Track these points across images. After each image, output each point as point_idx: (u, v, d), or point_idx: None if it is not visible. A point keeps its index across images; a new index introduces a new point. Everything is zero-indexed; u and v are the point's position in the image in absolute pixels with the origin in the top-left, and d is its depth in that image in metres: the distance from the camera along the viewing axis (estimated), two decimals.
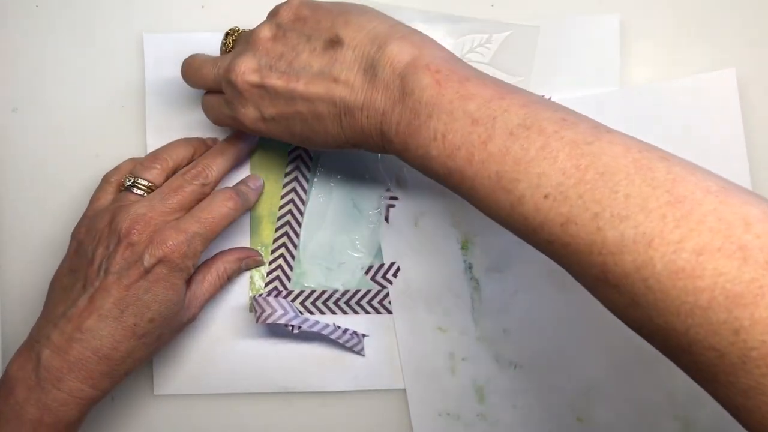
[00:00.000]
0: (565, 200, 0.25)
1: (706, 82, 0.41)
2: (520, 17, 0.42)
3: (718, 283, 0.22)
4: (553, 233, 0.26)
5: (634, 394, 0.41)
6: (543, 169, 0.26)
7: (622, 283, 0.24)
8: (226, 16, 0.43)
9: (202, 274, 0.39)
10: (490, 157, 0.27)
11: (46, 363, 0.34)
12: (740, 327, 0.22)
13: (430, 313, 0.42)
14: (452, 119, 0.28)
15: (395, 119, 0.30)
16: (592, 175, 0.25)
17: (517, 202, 0.26)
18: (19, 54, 0.43)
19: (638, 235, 0.23)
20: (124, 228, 0.35)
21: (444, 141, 0.28)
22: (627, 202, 0.24)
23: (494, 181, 0.27)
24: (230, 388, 0.42)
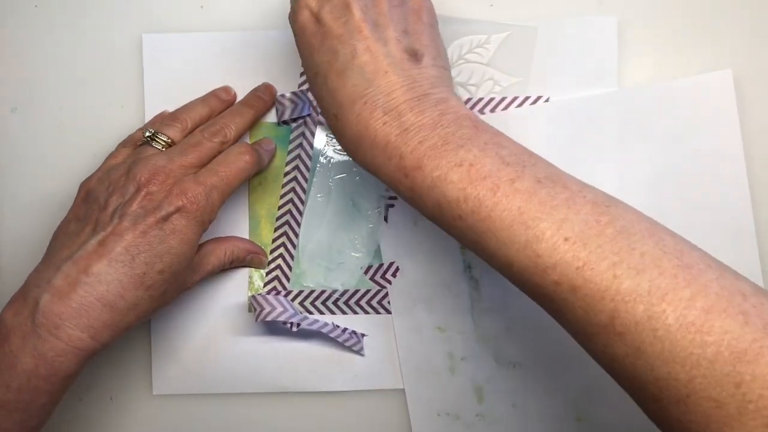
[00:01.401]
0: (585, 246, 0.26)
1: (704, 83, 0.41)
2: (519, 18, 0.42)
3: (725, 340, 0.24)
4: (565, 275, 0.26)
5: None
6: (566, 216, 0.27)
7: (629, 330, 0.25)
8: (225, 16, 0.43)
9: (212, 245, 0.40)
10: (515, 193, 0.28)
11: (44, 308, 0.32)
12: (741, 381, 0.23)
13: (429, 313, 0.42)
14: (483, 155, 0.29)
15: (418, 138, 0.30)
16: (612, 231, 0.26)
17: (534, 239, 0.27)
18: (19, 54, 0.43)
19: (653, 287, 0.25)
20: (143, 178, 0.35)
21: (470, 169, 0.29)
22: (643, 258, 0.26)
23: (515, 215, 0.27)
24: (230, 388, 0.42)
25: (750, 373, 0.23)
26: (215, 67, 0.42)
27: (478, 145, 0.29)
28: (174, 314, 0.42)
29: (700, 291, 0.25)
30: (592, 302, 0.26)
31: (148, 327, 0.42)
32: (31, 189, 0.43)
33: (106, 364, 0.42)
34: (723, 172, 0.41)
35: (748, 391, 0.23)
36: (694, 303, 0.25)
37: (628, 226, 0.27)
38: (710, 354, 0.24)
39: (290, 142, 0.42)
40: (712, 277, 0.25)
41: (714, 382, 0.24)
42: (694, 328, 0.24)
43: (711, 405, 0.24)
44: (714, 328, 0.24)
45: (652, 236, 0.27)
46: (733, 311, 0.24)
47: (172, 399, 0.42)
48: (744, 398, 0.23)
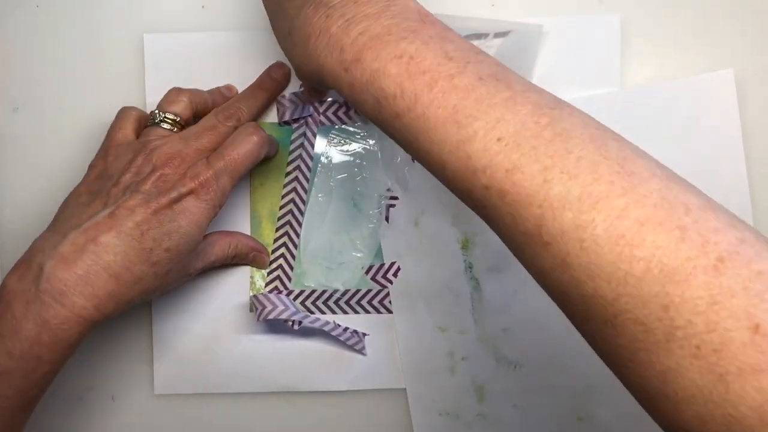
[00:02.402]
0: (518, 147, 0.24)
1: (705, 83, 0.41)
2: (520, 17, 0.42)
3: (656, 256, 0.22)
4: (494, 178, 0.25)
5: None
6: (503, 115, 0.25)
7: (556, 240, 0.23)
8: (226, 16, 0.43)
9: (218, 236, 0.40)
10: (453, 89, 0.26)
11: (49, 274, 0.32)
12: (670, 303, 0.21)
13: (430, 313, 0.42)
14: (426, 48, 0.27)
15: (359, 29, 0.29)
16: (549, 133, 0.24)
17: (466, 139, 0.25)
18: (19, 54, 0.43)
19: (584, 194, 0.23)
20: (159, 160, 0.35)
21: (410, 62, 0.27)
22: (578, 163, 0.24)
23: (449, 112, 0.26)
24: (230, 387, 0.42)
25: (679, 294, 0.21)
26: (216, 67, 0.42)
27: (422, 37, 0.28)
28: (175, 314, 0.42)
29: (637, 200, 0.22)
30: (519, 208, 0.24)
31: (150, 327, 0.42)
32: (32, 188, 0.43)
33: (108, 363, 0.43)
34: (724, 172, 0.41)
35: (676, 315, 0.21)
36: (627, 213, 0.22)
37: (569, 129, 0.24)
38: (638, 271, 0.22)
39: (291, 142, 0.42)
40: (654, 187, 0.23)
41: (641, 303, 0.22)
42: (624, 240, 0.22)
43: (638, 329, 0.22)
44: (645, 242, 0.22)
45: (595, 141, 0.24)
46: (670, 225, 0.22)
47: (173, 399, 0.42)
48: (672, 323, 0.21)
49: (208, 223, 0.36)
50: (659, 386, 0.22)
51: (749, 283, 0.21)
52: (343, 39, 0.29)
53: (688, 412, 0.22)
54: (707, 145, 0.41)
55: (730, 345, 0.20)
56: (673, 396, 0.22)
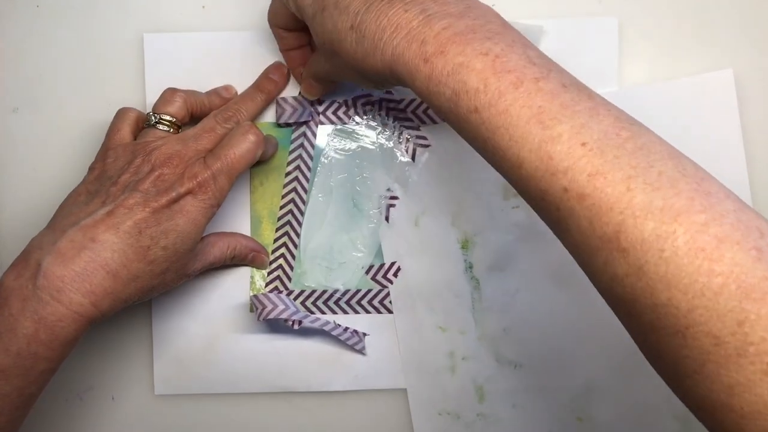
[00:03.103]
0: (602, 154, 0.25)
1: (704, 83, 0.41)
2: (520, 18, 0.42)
3: (734, 272, 0.22)
4: (575, 181, 0.25)
5: (634, 394, 0.41)
6: (587, 122, 0.26)
7: (634, 247, 0.24)
8: (226, 16, 0.43)
9: (216, 237, 0.40)
10: (538, 91, 0.27)
11: (46, 270, 0.32)
12: (746, 319, 0.22)
13: (430, 313, 0.42)
14: (511, 50, 0.28)
15: (443, 24, 0.29)
16: (631, 146, 0.25)
17: (549, 140, 0.26)
18: (19, 54, 0.43)
19: (666, 206, 0.24)
20: (158, 162, 0.36)
21: (495, 60, 0.27)
22: (660, 177, 0.24)
23: (534, 112, 0.26)
24: (231, 388, 0.42)
25: (756, 312, 0.22)
26: (216, 67, 0.42)
27: (505, 40, 0.28)
28: (175, 314, 0.42)
29: (715, 218, 0.23)
30: (599, 213, 0.25)
31: (150, 327, 0.42)
32: (32, 188, 0.43)
33: (108, 363, 0.43)
34: (724, 172, 0.40)
35: (750, 331, 0.22)
36: (707, 229, 0.23)
37: (648, 145, 0.25)
38: (716, 285, 0.22)
39: (291, 142, 0.42)
40: (730, 208, 0.24)
41: (716, 317, 0.22)
42: (704, 254, 0.23)
43: (710, 341, 0.22)
44: (724, 258, 0.22)
45: (673, 159, 0.25)
46: (747, 245, 0.23)
47: (173, 399, 0.42)
48: (745, 339, 0.22)
49: (206, 223, 0.36)
50: (725, 400, 0.23)
51: None
52: (425, 32, 0.29)
53: (753, 427, 0.22)
54: (707, 146, 0.41)
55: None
56: (738, 410, 0.22)
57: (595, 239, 0.25)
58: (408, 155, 0.42)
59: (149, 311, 0.42)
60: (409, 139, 0.42)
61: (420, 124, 0.42)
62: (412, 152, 0.42)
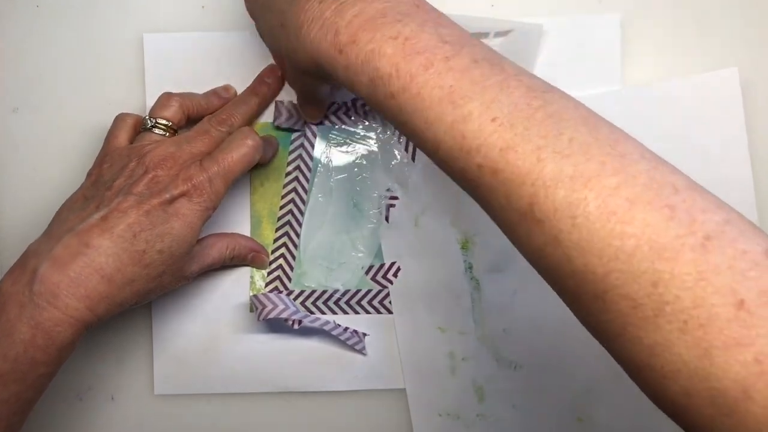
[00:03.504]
0: (512, 127, 0.25)
1: (709, 82, 0.41)
2: (521, 17, 0.42)
3: (645, 233, 0.22)
4: (488, 157, 0.25)
5: (634, 394, 0.41)
6: (497, 96, 0.26)
7: (548, 217, 0.24)
8: (226, 16, 0.43)
9: (215, 239, 0.40)
10: (448, 71, 0.27)
11: (43, 276, 0.32)
12: (659, 279, 0.22)
13: (430, 313, 0.42)
14: (421, 31, 0.28)
15: (354, 11, 0.29)
16: (542, 115, 0.25)
17: (461, 119, 0.26)
18: (19, 54, 0.43)
19: (576, 173, 0.24)
20: (152, 163, 0.36)
21: (405, 43, 0.28)
22: (570, 144, 0.24)
23: (445, 92, 0.26)
24: (231, 388, 0.42)
25: (669, 271, 0.22)
26: (216, 67, 0.42)
27: (416, 20, 0.28)
28: (175, 314, 0.42)
29: (627, 180, 0.23)
30: (513, 187, 0.25)
31: (150, 327, 0.42)
32: (32, 189, 0.43)
33: (108, 363, 0.43)
34: (728, 171, 0.41)
35: (665, 291, 0.22)
36: (618, 191, 0.23)
37: (560, 111, 0.25)
38: (629, 247, 0.22)
39: (291, 143, 0.42)
40: (644, 167, 0.24)
41: (631, 279, 0.22)
42: (615, 217, 0.23)
43: (627, 304, 0.23)
44: (636, 220, 0.22)
45: (586, 124, 0.25)
46: (659, 204, 0.23)
47: (173, 399, 0.42)
48: (661, 298, 0.22)
49: (201, 226, 0.36)
50: (647, 360, 0.23)
51: (734, 261, 0.22)
52: (337, 22, 0.29)
53: (674, 386, 0.22)
54: (711, 144, 0.41)
55: (715, 320, 0.21)
56: (659, 369, 0.22)
57: (513, 213, 0.25)
58: (408, 155, 0.42)
59: (149, 311, 0.42)
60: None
61: None
62: (412, 152, 0.42)
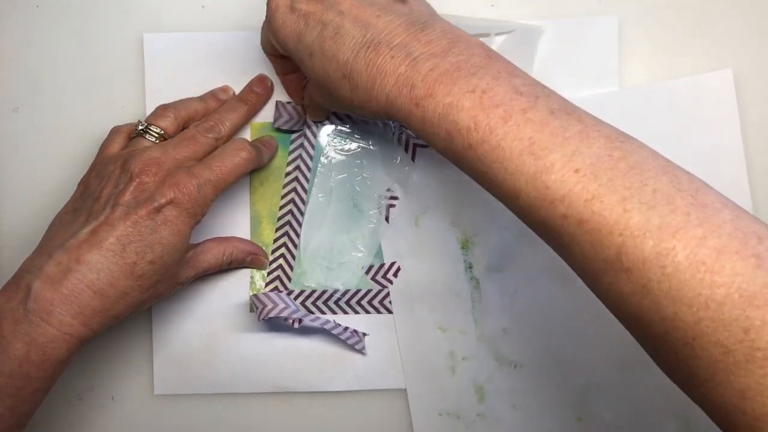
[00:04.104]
0: (596, 179, 0.26)
1: (704, 83, 0.41)
2: (520, 18, 0.42)
3: (735, 282, 0.23)
4: (572, 207, 0.26)
5: (634, 394, 0.41)
6: (578, 148, 0.26)
7: (637, 267, 0.24)
8: (226, 16, 0.43)
9: (211, 244, 0.40)
10: (527, 122, 0.27)
11: (36, 294, 0.32)
12: (751, 326, 0.23)
13: (430, 313, 0.42)
14: (497, 83, 0.28)
15: (428, 66, 0.30)
16: (624, 166, 0.26)
17: (543, 170, 0.26)
18: (19, 54, 0.43)
19: (664, 224, 0.24)
20: (137, 169, 0.35)
21: (482, 96, 0.28)
22: (654, 195, 0.25)
23: (525, 144, 0.27)
24: (231, 388, 0.42)
25: (760, 318, 0.22)
26: (216, 67, 0.42)
27: (491, 72, 0.29)
28: (175, 315, 0.42)
29: (713, 230, 0.24)
30: (599, 237, 0.25)
31: (150, 327, 0.42)
32: (33, 189, 0.43)
33: (108, 364, 0.43)
34: (723, 172, 0.41)
35: (756, 337, 0.22)
36: (705, 242, 0.24)
37: (641, 162, 0.26)
38: (719, 296, 0.23)
39: (291, 142, 0.42)
40: (727, 217, 0.24)
41: (722, 326, 0.23)
42: (705, 267, 0.23)
43: (718, 350, 0.23)
44: (725, 269, 0.23)
45: (666, 174, 0.26)
46: (746, 253, 0.23)
47: (173, 399, 0.42)
48: (752, 345, 0.22)
49: (190, 232, 0.36)
50: (737, 404, 0.23)
51: None
52: (413, 76, 0.30)
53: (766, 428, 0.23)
54: (707, 145, 0.41)
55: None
56: (751, 413, 0.23)
57: (598, 262, 0.26)
58: (408, 155, 0.42)
59: (149, 311, 0.42)
60: (409, 139, 0.42)
61: None
62: (412, 152, 0.42)
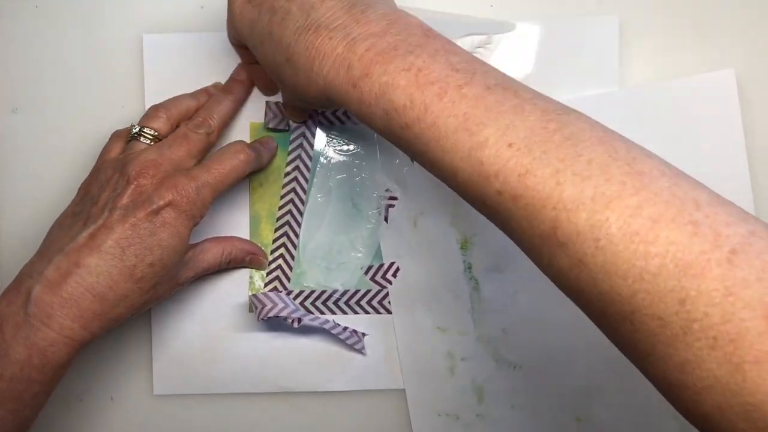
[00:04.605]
0: (529, 152, 0.25)
1: (706, 83, 0.41)
2: (519, 18, 0.42)
3: (670, 251, 0.22)
4: (507, 183, 0.25)
5: (634, 395, 0.41)
6: (512, 122, 0.26)
7: (571, 241, 0.24)
8: (225, 16, 0.43)
9: (210, 244, 0.40)
10: (462, 98, 0.27)
11: (36, 298, 0.33)
12: (686, 297, 0.22)
13: (429, 313, 0.42)
14: (433, 61, 0.28)
15: (365, 45, 0.29)
16: (559, 138, 0.25)
17: (477, 146, 0.26)
18: (19, 54, 0.43)
19: (597, 194, 0.24)
20: (134, 172, 0.35)
21: (418, 74, 0.28)
22: (589, 165, 0.24)
23: (460, 121, 0.27)
24: (230, 388, 0.42)
25: (695, 288, 0.22)
26: (215, 67, 0.42)
27: (428, 51, 0.29)
28: (174, 315, 0.42)
29: (648, 199, 0.23)
30: (533, 212, 0.25)
31: (149, 327, 0.42)
32: (32, 189, 0.43)
33: (107, 364, 0.43)
34: (725, 172, 0.41)
35: (692, 308, 0.22)
36: (640, 211, 0.23)
37: (577, 133, 0.25)
38: (653, 267, 0.22)
39: (291, 143, 0.42)
40: (665, 184, 0.24)
41: (658, 298, 0.22)
42: (639, 237, 0.23)
43: (655, 323, 0.23)
44: (659, 239, 0.22)
45: (603, 144, 0.25)
46: (682, 221, 0.23)
47: (172, 399, 0.42)
48: (689, 316, 0.22)
49: (189, 234, 0.36)
50: (678, 377, 0.23)
51: (763, 274, 0.21)
52: (350, 57, 0.29)
53: (708, 401, 0.22)
54: (709, 146, 0.41)
55: (746, 334, 0.21)
56: (692, 386, 0.22)
57: (535, 238, 0.25)
58: (407, 156, 0.42)
59: (148, 311, 0.42)
60: None
61: None
62: None
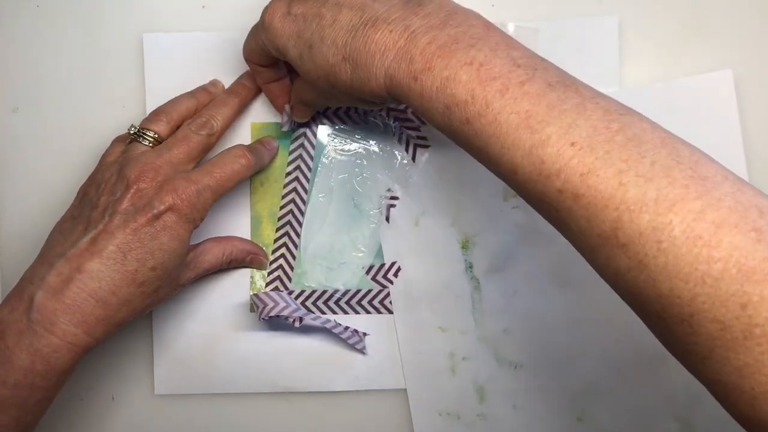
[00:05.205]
0: (592, 151, 0.25)
1: (704, 83, 0.41)
2: (520, 18, 0.42)
3: (733, 256, 0.22)
4: (568, 182, 0.25)
5: (634, 394, 0.41)
6: (575, 120, 0.26)
7: (632, 242, 0.24)
8: (226, 16, 0.43)
9: (211, 244, 0.40)
10: (524, 95, 0.27)
11: (39, 305, 0.32)
12: (748, 302, 0.22)
13: (430, 313, 0.42)
14: (495, 56, 0.28)
15: (426, 39, 0.29)
16: (622, 138, 0.25)
17: (540, 144, 0.26)
18: (19, 54, 0.43)
19: (660, 197, 0.24)
20: (133, 175, 0.35)
21: (480, 69, 0.28)
22: (653, 167, 0.24)
23: (522, 118, 0.26)
24: (230, 388, 0.42)
25: (758, 293, 0.22)
26: (215, 67, 0.42)
27: (489, 44, 0.28)
28: (175, 314, 0.42)
29: (711, 204, 0.23)
30: (595, 211, 0.25)
31: (150, 327, 0.42)
32: (33, 189, 0.43)
33: (108, 364, 0.43)
34: None
35: (754, 313, 0.22)
36: (703, 216, 0.23)
37: (640, 134, 0.25)
38: (716, 271, 0.22)
39: (292, 142, 0.42)
40: (728, 190, 0.24)
41: (719, 302, 0.22)
42: (702, 242, 0.23)
43: (715, 327, 0.23)
44: (723, 243, 0.22)
45: (666, 146, 0.25)
46: (746, 227, 0.23)
47: (173, 399, 0.42)
48: (750, 321, 0.22)
49: (190, 237, 0.36)
50: (736, 381, 0.23)
51: None
52: (411, 50, 0.29)
53: (765, 406, 0.22)
54: (707, 146, 0.40)
55: None
56: (749, 391, 0.22)
57: (594, 237, 0.25)
58: (408, 155, 0.42)
59: (149, 312, 0.42)
60: (410, 139, 0.42)
61: (420, 124, 0.42)
62: (413, 152, 0.42)
